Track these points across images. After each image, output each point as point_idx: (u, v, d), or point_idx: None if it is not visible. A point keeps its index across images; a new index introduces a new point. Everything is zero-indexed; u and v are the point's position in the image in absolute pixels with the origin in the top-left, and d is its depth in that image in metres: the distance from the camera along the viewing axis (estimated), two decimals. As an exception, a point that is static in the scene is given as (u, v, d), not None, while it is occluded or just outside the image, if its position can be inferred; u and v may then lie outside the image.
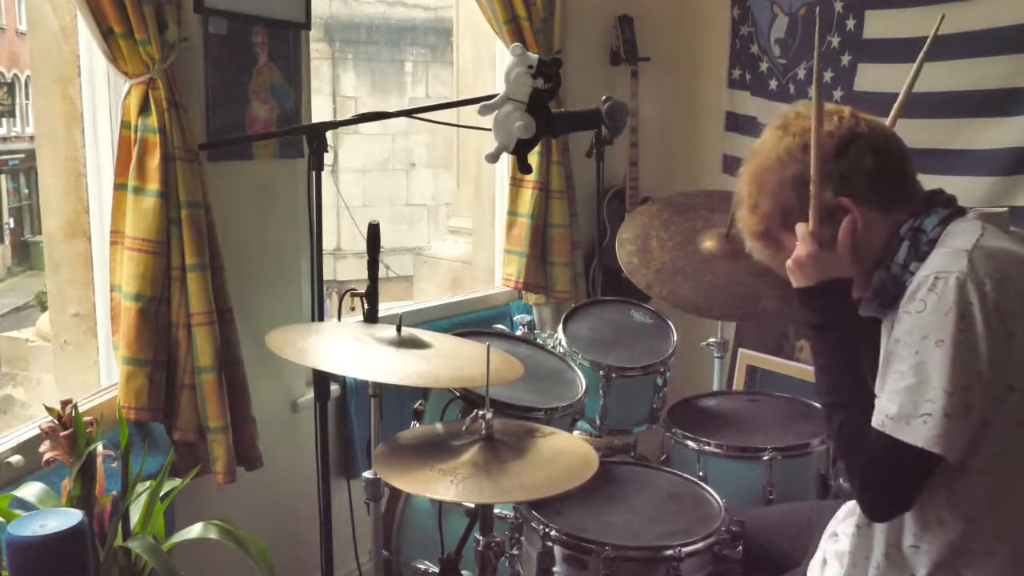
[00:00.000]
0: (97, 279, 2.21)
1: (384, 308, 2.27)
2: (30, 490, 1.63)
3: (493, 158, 1.89)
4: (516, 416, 1.94)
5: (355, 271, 10.30)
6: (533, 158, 2.49)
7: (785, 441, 2.12)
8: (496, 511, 1.81)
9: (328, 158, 1.97)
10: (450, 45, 8.90)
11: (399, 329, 1.77)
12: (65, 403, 1.58)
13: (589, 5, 3.36)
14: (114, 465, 1.65)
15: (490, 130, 1.87)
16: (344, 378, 2.52)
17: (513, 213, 3.16)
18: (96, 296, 2.22)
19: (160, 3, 1.96)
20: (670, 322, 2.51)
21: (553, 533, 1.68)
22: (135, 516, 1.64)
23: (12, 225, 17.83)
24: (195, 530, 1.70)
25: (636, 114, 3.41)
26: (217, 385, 2.06)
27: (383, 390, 2.01)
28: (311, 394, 2.08)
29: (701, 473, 2.10)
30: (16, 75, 17.91)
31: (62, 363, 2.32)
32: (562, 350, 2.35)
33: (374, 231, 1.95)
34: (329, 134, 2.03)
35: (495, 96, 1.84)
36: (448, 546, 1.87)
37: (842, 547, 1.49)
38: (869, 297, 1.41)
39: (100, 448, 1.61)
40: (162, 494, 1.68)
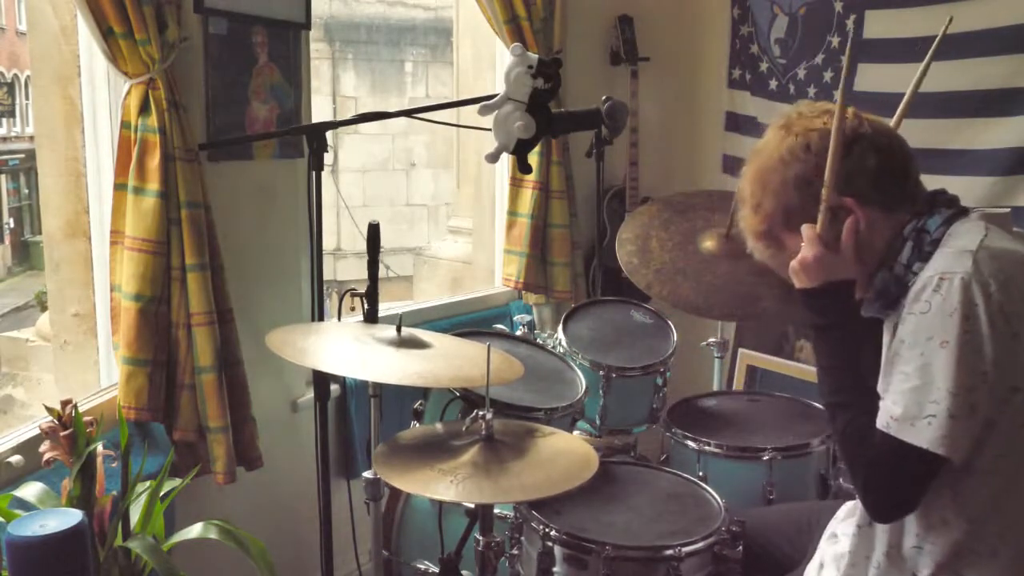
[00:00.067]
0: (97, 279, 2.21)
1: (384, 308, 2.26)
2: (30, 490, 1.63)
3: (493, 158, 1.89)
4: (516, 416, 1.94)
5: (355, 271, 10.29)
6: (533, 158, 2.49)
7: (785, 441, 2.11)
8: (496, 511, 1.81)
9: (328, 158, 1.97)
10: (450, 45, 8.89)
11: (399, 329, 1.77)
12: (65, 403, 1.58)
13: (589, 5, 3.36)
14: (114, 465, 1.65)
15: (490, 130, 1.86)
16: (344, 378, 2.51)
17: (513, 213, 3.16)
18: (96, 296, 2.22)
19: (160, 3, 1.96)
20: (670, 322, 2.51)
21: (553, 533, 1.68)
22: (135, 516, 1.64)
23: (12, 225, 17.83)
24: (195, 530, 1.70)
25: (636, 114, 3.41)
26: (217, 385, 2.06)
27: (383, 390, 2.01)
28: (311, 394, 2.08)
29: (701, 473, 2.09)
30: (16, 75, 17.91)
31: (62, 363, 2.32)
32: (562, 350, 2.35)
33: (374, 231, 1.94)
34: (329, 134, 2.03)
35: (495, 96, 1.84)
36: (448, 546, 1.87)
37: (841, 548, 1.49)
38: (872, 298, 1.40)
39: (100, 448, 1.61)
40: (162, 494, 1.68)
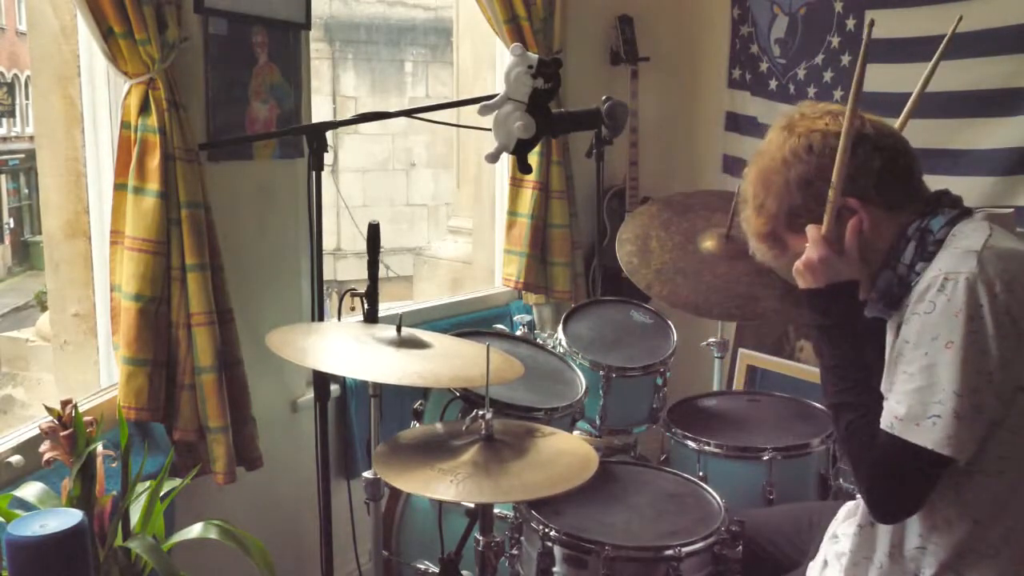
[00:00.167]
0: (97, 279, 2.21)
1: (384, 308, 2.26)
2: (30, 490, 1.63)
3: (493, 158, 1.89)
4: (516, 416, 1.94)
5: (355, 271, 10.30)
6: (533, 158, 2.49)
7: (785, 441, 2.11)
8: (496, 511, 1.81)
9: (328, 158, 1.97)
10: (450, 45, 8.90)
11: (399, 329, 1.77)
12: (65, 403, 1.58)
13: (589, 5, 3.36)
14: (114, 465, 1.65)
15: (490, 130, 1.86)
16: (344, 378, 2.51)
17: (513, 213, 3.16)
18: (96, 296, 2.22)
19: (160, 3, 1.96)
20: (670, 322, 2.51)
21: (553, 533, 1.67)
22: (135, 516, 1.65)
23: (12, 225, 17.84)
24: (195, 530, 1.70)
25: (636, 114, 3.41)
26: (217, 385, 2.05)
27: (383, 390, 2.00)
28: (311, 394, 2.08)
29: (701, 473, 2.09)
30: (16, 75, 17.92)
31: (62, 363, 2.32)
32: (562, 350, 2.35)
33: (374, 231, 1.94)
34: (329, 134, 2.03)
35: (495, 96, 1.84)
36: (448, 546, 1.87)
37: (842, 548, 1.48)
38: (875, 298, 1.40)
39: (100, 448, 1.61)
40: (162, 494, 1.69)
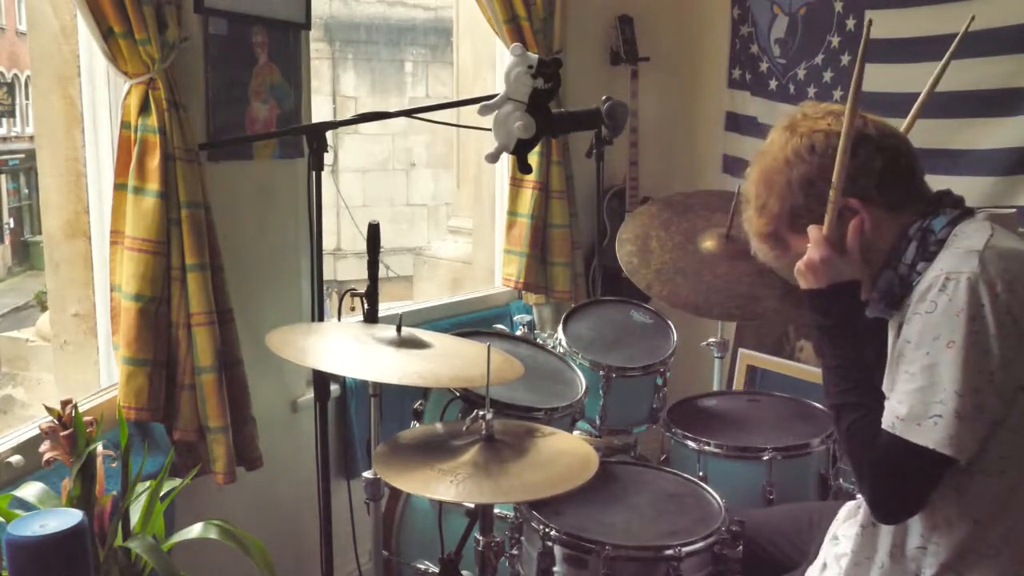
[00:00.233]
0: (97, 279, 2.20)
1: (384, 308, 2.26)
2: (30, 490, 1.63)
3: (493, 158, 1.89)
4: (516, 416, 1.94)
5: (355, 271, 10.30)
6: (533, 158, 2.49)
7: (785, 441, 2.11)
8: (496, 511, 1.81)
9: (328, 158, 1.97)
10: (450, 45, 8.90)
11: (399, 329, 1.77)
12: (65, 403, 1.58)
13: (589, 5, 3.36)
14: (114, 465, 1.65)
15: (490, 130, 1.86)
16: (344, 378, 2.51)
17: (513, 213, 3.16)
18: (96, 296, 2.22)
19: (160, 3, 1.96)
20: (670, 322, 2.51)
21: (553, 533, 1.67)
22: (135, 516, 1.65)
23: (12, 225, 17.84)
24: (195, 530, 1.70)
25: (636, 114, 3.41)
26: (217, 385, 2.05)
27: (383, 390, 2.00)
28: (311, 394, 2.08)
29: (701, 473, 2.09)
30: (16, 75, 17.92)
31: (62, 363, 2.32)
32: (562, 350, 2.35)
33: (374, 231, 1.94)
34: (329, 134, 2.03)
35: (495, 96, 1.84)
36: (448, 546, 1.87)
37: (842, 549, 1.48)
38: (876, 298, 1.40)
39: (100, 448, 1.61)
40: (162, 494, 1.68)
